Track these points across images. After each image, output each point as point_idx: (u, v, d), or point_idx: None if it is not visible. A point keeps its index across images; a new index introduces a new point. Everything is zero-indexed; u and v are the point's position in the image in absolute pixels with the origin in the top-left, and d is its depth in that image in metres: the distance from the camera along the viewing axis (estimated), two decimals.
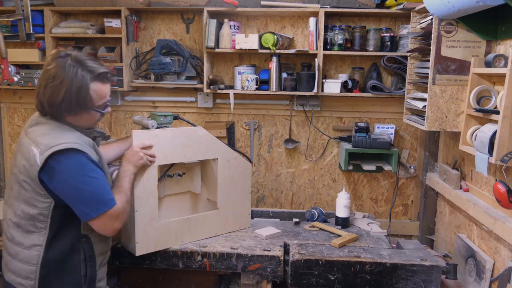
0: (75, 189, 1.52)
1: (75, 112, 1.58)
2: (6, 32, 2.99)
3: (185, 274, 2.19)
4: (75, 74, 1.54)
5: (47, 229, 1.57)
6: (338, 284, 1.98)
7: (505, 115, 1.74)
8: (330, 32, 2.90)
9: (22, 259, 1.58)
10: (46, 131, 1.57)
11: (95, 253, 1.66)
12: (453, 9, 1.95)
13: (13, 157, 1.67)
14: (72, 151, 1.52)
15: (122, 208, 1.64)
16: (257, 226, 2.37)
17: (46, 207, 1.56)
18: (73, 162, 1.52)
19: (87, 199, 1.54)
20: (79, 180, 1.52)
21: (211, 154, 2.15)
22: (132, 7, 3.00)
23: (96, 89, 1.59)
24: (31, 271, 1.57)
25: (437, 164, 2.87)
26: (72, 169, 1.51)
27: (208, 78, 2.96)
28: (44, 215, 1.57)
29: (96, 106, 1.62)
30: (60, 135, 1.55)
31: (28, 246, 1.58)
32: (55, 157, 1.50)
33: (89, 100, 1.58)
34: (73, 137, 1.56)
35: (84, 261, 1.63)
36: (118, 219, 1.62)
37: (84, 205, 1.54)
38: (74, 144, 1.52)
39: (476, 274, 2.13)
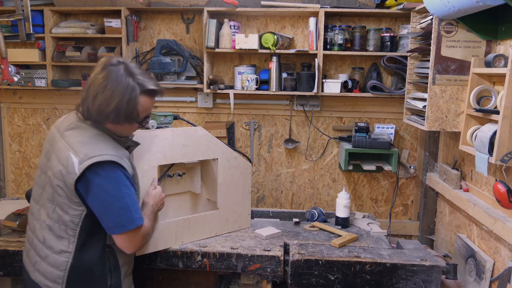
0: (106, 202, 1.52)
1: (119, 122, 1.57)
2: (6, 32, 2.99)
3: (185, 274, 2.19)
4: (127, 86, 1.52)
5: (76, 237, 1.57)
6: (338, 284, 1.98)
7: (505, 115, 1.74)
8: (330, 32, 2.90)
9: (51, 263, 1.59)
10: (85, 139, 1.55)
11: (119, 263, 1.67)
12: (453, 9, 1.94)
13: (44, 155, 1.65)
14: (111, 163, 1.51)
15: (148, 230, 1.66)
16: (257, 226, 2.37)
17: (77, 215, 1.56)
18: (110, 176, 1.51)
19: (116, 214, 1.53)
20: (112, 195, 1.52)
21: (211, 154, 2.15)
22: (132, 7, 3.00)
23: (143, 103, 1.57)
24: (59, 276, 1.58)
25: (437, 164, 2.87)
26: (107, 182, 1.51)
27: (208, 78, 2.96)
28: (75, 223, 1.56)
29: (139, 119, 1.62)
30: (100, 145, 1.54)
31: (57, 251, 1.58)
32: (94, 168, 1.49)
33: (135, 113, 1.57)
34: (112, 148, 1.56)
35: (110, 271, 1.64)
36: (142, 239, 1.63)
37: (112, 220, 1.54)
38: (113, 157, 1.51)
39: (476, 274, 2.13)
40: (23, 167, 3.42)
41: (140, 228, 1.59)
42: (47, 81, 3.07)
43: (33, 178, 3.40)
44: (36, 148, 3.38)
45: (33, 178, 3.41)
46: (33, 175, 3.41)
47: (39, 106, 3.33)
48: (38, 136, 3.36)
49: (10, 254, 2.05)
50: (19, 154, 3.40)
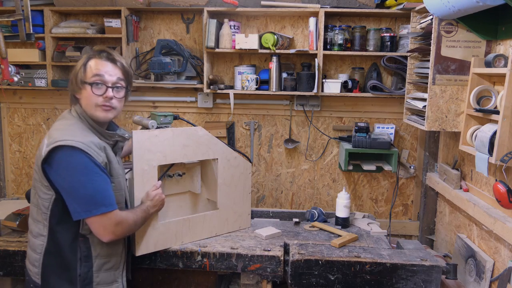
0: (71, 187, 1.55)
1: (76, 90, 1.67)
2: (6, 32, 2.99)
3: (185, 274, 2.19)
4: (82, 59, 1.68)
5: (48, 221, 1.62)
6: (338, 284, 1.98)
7: (505, 115, 1.74)
8: (330, 32, 2.90)
9: (31, 246, 1.67)
10: (62, 126, 1.63)
11: (92, 254, 1.66)
12: (453, 9, 1.94)
13: None
14: (74, 149, 1.54)
15: (124, 219, 1.65)
16: (257, 226, 2.37)
17: (47, 198, 1.60)
18: (73, 161, 1.54)
19: (81, 199, 1.55)
20: (77, 179, 1.54)
21: (211, 154, 2.15)
22: (132, 7, 3.00)
23: (91, 64, 1.67)
24: (36, 259, 1.65)
25: (437, 164, 2.87)
26: (71, 167, 1.54)
27: (208, 78, 2.96)
28: (45, 207, 1.61)
29: (86, 79, 1.65)
30: (71, 131, 1.59)
31: (35, 234, 1.65)
32: (58, 152, 1.54)
33: (81, 74, 1.65)
34: (82, 136, 1.59)
35: (80, 260, 1.64)
36: (118, 225, 1.61)
37: (77, 204, 1.56)
38: (77, 143, 1.54)
39: (476, 274, 2.13)
40: (23, 167, 3.42)
41: (110, 213, 1.58)
42: (47, 81, 3.07)
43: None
44: (36, 148, 3.37)
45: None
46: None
47: (39, 106, 3.33)
48: (38, 136, 3.36)
49: (10, 254, 2.05)
50: (19, 154, 3.40)
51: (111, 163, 1.68)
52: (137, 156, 1.88)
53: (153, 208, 1.87)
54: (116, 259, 1.76)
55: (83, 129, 1.64)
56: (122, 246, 1.79)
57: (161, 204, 1.92)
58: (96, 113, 1.66)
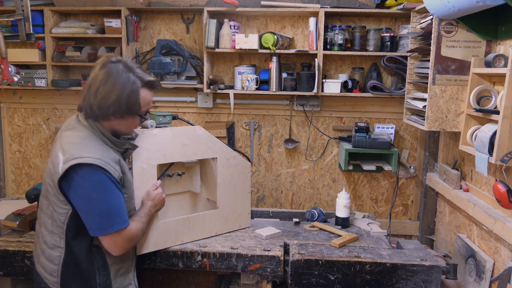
0: (88, 204, 1.55)
1: (121, 115, 1.60)
2: (6, 32, 2.99)
3: (185, 274, 2.19)
4: (128, 79, 1.57)
5: (64, 234, 1.61)
6: (338, 284, 1.97)
7: (505, 115, 1.74)
8: (330, 32, 2.90)
9: (47, 257, 1.66)
10: (75, 140, 1.59)
11: (108, 262, 1.67)
12: (453, 9, 1.94)
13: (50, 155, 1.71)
14: (93, 167, 1.52)
15: (135, 233, 1.67)
16: (257, 226, 2.37)
17: (64, 213, 1.59)
18: (92, 179, 1.53)
19: (96, 217, 1.55)
20: (94, 197, 1.54)
21: (210, 153, 2.15)
22: (132, 7, 3.00)
23: (144, 96, 1.62)
24: (54, 269, 1.64)
25: (437, 164, 2.87)
26: (89, 185, 1.53)
27: (208, 78, 2.96)
28: (61, 221, 1.60)
29: (141, 112, 1.65)
30: (87, 147, 1.56)
31: (51, 246, 1.64)
32: (76, 169, 1.52)
33: (137, 105, 1.61)
34: (99, 151, 1.57)
35: (98, 270, 1.65)
36: (128, 241, 1.63)
37: (93, 222, 1.56)
38: (97, 161, 1.53)
39: (476, 274, 2.12)
40: (23, 167, 3.42)
41: (123, 231, 1.59)
42: (47, 81, 3.07)
43: (33, 178, 3.42)
44: (36, 148, 3.38)
45: (33, 178, 3.42)
46: (33, 175, 3.41)
47: (39, 106, 3.33)
48: (38, 136, 3.37)
49: (10, 254, 2.05)
50: (19, 154, 3.41)
51: (125, 174, 1.69)
52: (136, 156, 1.88)
53: (154, 208, 1.87)
54: (129, 263, 1.78)
55: (98, 143, 1.60)
56: (132, 250, 1.81)
57: (162, 203, 1.92)
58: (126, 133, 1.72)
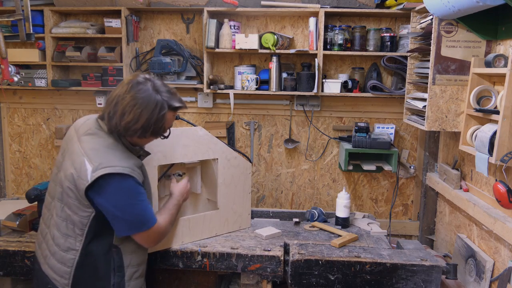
0: (120, 210, 1.57)
1: (146, 136, 1.63)
2: (6, 32, 2.99)
3: (185, 274, 2.19)
4: (156, 105, 1.57)
5: (84, 236, 1.62)
6: (338, 284, 1.98)
7: (505, 115, 1.74)
8: (330, 32, 2.90)
9: (58, 259, 1.64)
10: (100, 147, 1.59)
11: (124, 264, 1.68)
12: (453, 9, 1.95)
13: (61, 154, 1.70)
14: (123, 176, 1.55)
15: (164, 227, 1.73)
16: (257, 226, 2.37)
17: (86, 216, 1.60)
18: (122, 187, 1.56)
19: (129, 219, 1.59)
20: (125, 204, 1.57)
21: (211, 154, 2.15)
22: (132, 7, 3.00)
23: (169, 118, 1.65)
24: (66, 272, 1.63)
25: (437, 164, 2.87)
26: (120, 193, 1.56)
27: (208, 78, 2.96)
28: (83, 223, 1.61)
29: (164, 133, 1.69)
30: (114, 155, 1.58)
31: (64, 248, 1.63)
32: (106, 178, 1.53)
33: (163, 129, 1.65)
34: (125, 160, 1.59)
35: (113, 270, 1.66)
36: (158, 236, 1.70)
37: (124, 224, 1.60)
38: (126, 169, 1.55)
39: (476, 274, 2.13)
40: (23, 167, 3.42)
41: (153, 227, 1.64)
42: (47, 81, 3.07)
43: (33, 178, 3.41)
44: (36, 148, 3.38)
45: (33, 178, 3.41)
46: (33, 175, 3.41)
47: (39, 106, 3.33)
48: (38, 136, 3.37)
49: (10, 254, 2.05)
50: (19, 154, 3.40)
51: (146, 178, 1.72)
52: None
53: (182, 197, 1.94)
54: (143, 267, 1.79)
55: (121, 150, 1.62)
56: (146, 254, 1.82)
57: (187, 193, 1.99)
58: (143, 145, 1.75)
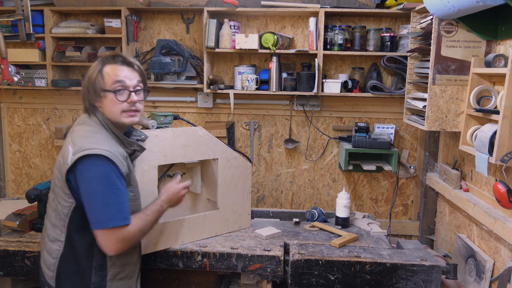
0: (91, 196, 1.54)
1: (96, 99, 1.64)
2: (6, 32, 2.99)
3: (185, 274, 2.19)
4: (94, 66, 1.64)
5: (66, 228, 1.61)
6: (338, 284, 1.98)
7: (505, 115, 1.74)
8: (330, 32, 2.90)
9: (47, 250, 1.67)
10: (86, 133, 1.61)
11: (107, 263, 1.65)
12: (453, 9, 1.94)
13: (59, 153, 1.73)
14: (101, 158, 1.53)
15: (133, 233, 1.59)
16: (257, 226, 2.37)
17: (67, 206, 1.60)
18: (98, 170, 1.53)
19: (97, 209, 1.53)
20: (98, 190, 1.53)
21: (211, 154, 2.15)
22: (132, 7, 3.00)
23: (108, 71, 1.63)
24: (52, 263, 1.64)
25: (437, 164, 2.87)
26: (95, 176, 1.53)
27: (208, 78, 2.96)
28: (64, 214, 1.61)
29: (108, 87, 1.62)
30: (97, 140, 1.58)
31: (52, 239, 1.65)
32: (83, 160, 1.52)
33: (99, 82, 1.62)
34: (108, 145, 1.58)
35: (95, 268, 1.63)
36: (123, 241, 1.57)
37: (93, 214, 1.54)
38: (105, 152, 1.53)
39: (476, 274, 2.13)
40: (23, 167, 3.42)
41: (120, 228, 1.54)
42: (47, 81, 3.07)
43: (33, 178, 3.42)
44: (36, 148, 3.38)
45: (33, 178, 3.42)
46: (33, 175, 3.41)
47: (39, 106, 3.33)
48: (38, 136, 3.36)
49: (10, 254, 2.05)
50: (19, 154, 3.40)
51: (131, 172, 1.68)
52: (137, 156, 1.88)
53: (168, 202, 1.80)
54: (131, 268, 1.74)
55: (108, 137, 1.62)
56: (137, 255, 1.78)
57: (178, 199, 1.85)
58: (123, 119, 1.65)
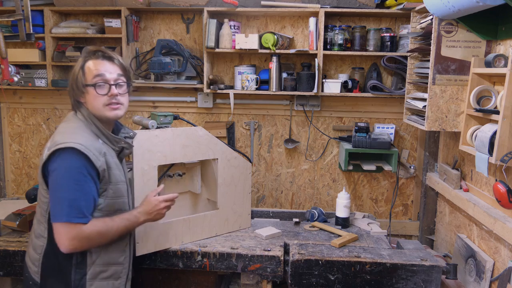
0: (54, 188, 1.53)
1: (79, 95, 1.64)
2: (6, 32, 2.99)
3: (185, 274, 2.19)
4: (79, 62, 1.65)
5: (47, 223, 1.62)
6: (338, 284, 1.98)
7: (505, 115, 1.74)
8: (330, 32, 2.90)
9: (33, 246, 1.67)
10: (65, 129, 1.62)
11: (86, 261, 1.62)
12: (453, 9, 1.94)
13: None
14: (72, 151, 1.52)
15: (88, 233, 1.53)
16: (257, 226, 2.37)
17: (46, 202, 1.60)
18: (66, 164, 1.52)
19: (57, 203, 1.52)
20: (61, 183, 1.51)
21: (211, 154, 2.15)
22: (132, 7, 3.00)
23: (89, 65, 1.64)
24: (36, 259, 1.65)
25: (437, 164, 2.87)
26: (62, 169, 1.52)
27: (208, 78, 2.96)
28: (44, 210, 1.62)
29: (88, 82, 1.62)
30: (74, 134, 1.58)
31: (37, 234, 1.66)
32: (56, 154, 1.53)
33: (80, 78, 1.62)
34: (83, 139, 1.56)
35: (74, 265, 1.61)
36: (75, 239, 1.51)
37: (52, 207, 1.53)
38: (77, 145, 1.52)
39: (476, 274, 2.13)
40: (23, 167, 3.42)
41: (75, 225, 1.50)
42: (47, 81, 3.07)
43: (33, 178, 3.41)
44: (36, 148, 3.37)
45: (33, 178, 3.41)
46: (33, 175, 3.41)
47: (39, 106, 3.33)
48: (38, 136, 3.36)
49: (10, 254, 2.05)
50: (19, 154, 3.40)
51: (111, 169, 1.63)
52: (137, 156, 1.88)
53: (146, 215, 1.71)
54: (116, 268, 1.69)
55: (86, 133, 1.61)
56: (123, 255, 1.73)
57: (158, 214, 1.74)
58: (106, 113, 1.63)
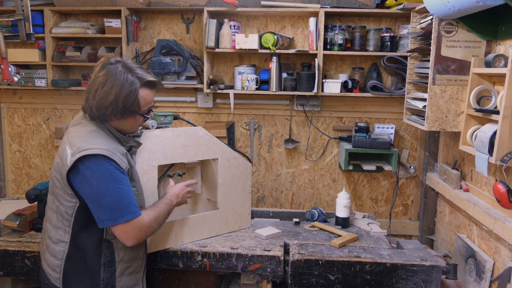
0: (97, 195, 1.55)
1: (121, 116, 1.62)
2: (6, 32, 2.99)
3: (185, 274, 2.19)
4: (126, 80, 1.59)
5: (71, 228, 1.63)
6: (338, 284, 1.98)
7: (505, 115, 1.74)
8: (330, 32, 2.90)
9: (51, 252, 1.67)
10: (83, 134, 1.62)
11: (115, 259, 1.67)
12: (453, 9, 1.95)
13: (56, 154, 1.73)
14: (101, 157, 1.54)
15: (147, 222, 1.64)
16: (257, 226, 2.37)
17: (71, 206, 1.61)
18: (100, 169, 1.54)
19: (107, 207, 1.55)
20: (103, 188, 1.54)
21: (211, 154, 2.15)
22: (132, 7, 3.00)
23: (144, 95, 1.64)
24: (57, 265, 1.65)
25: (437, 164, 2.87)
26: (97, 176, 1.54)
27: (208, 78, 2.96)
28: (69, 214, 1.62)
29: (142, 111, 1.67)
30: (94, 139, 1.58)
31: (55, 241, 1.65)
32: (84, 161, 1.53)
33: (136, 105, 1.63)
34: (105, 143, 1.59)
35: (103, 265, 1.65)
36: (140, 230, 1.61)
37: (102, 213, 1.56)
38: (103, 151, 1.54)
39: (476, 274, 2.13)
40: (23, 167, 3.42)
41: (134, 220, 1.58)
42: (47, 81, 3.07)
43: (33, 178, 3.42)
44: (36, 148, 3.38)
45: (33, 178, 3.41)
46: (33, 175, 3.41)
47: (39, 106, 3.33)
48: (38, 136, 3.36)
49: (10, 254, 2.05)
50: (19, 154, 3.40)
51: (132, 168, 1.70)
52: (137, 156, 1.88)
53: (176, 198, 1.86)
54: (138, 262, 1.76)
55: (103, 136, 1.63)
56: (143, 249, 1.80)
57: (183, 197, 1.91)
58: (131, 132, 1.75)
